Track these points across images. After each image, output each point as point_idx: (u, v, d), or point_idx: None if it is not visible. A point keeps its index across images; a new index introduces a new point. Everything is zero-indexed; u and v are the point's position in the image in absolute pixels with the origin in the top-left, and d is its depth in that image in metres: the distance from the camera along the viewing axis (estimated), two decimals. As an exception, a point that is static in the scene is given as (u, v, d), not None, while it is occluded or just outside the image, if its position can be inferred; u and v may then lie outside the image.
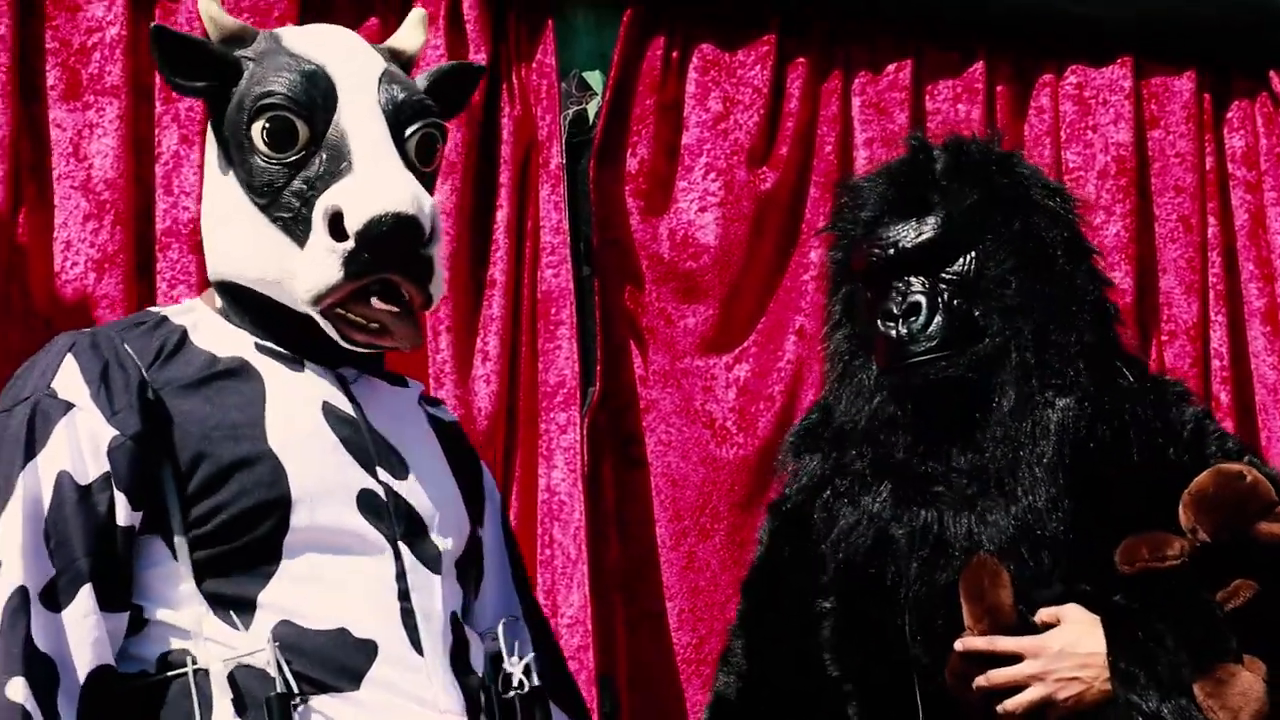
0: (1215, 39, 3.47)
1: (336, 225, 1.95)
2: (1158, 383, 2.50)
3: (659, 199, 3.25)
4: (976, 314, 2.36)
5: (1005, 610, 2.27)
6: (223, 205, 2.08)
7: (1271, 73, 3.53)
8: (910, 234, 2.39)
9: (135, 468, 1.93)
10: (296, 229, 1.99)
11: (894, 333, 2.35)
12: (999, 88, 3.41)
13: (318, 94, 2.02)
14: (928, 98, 3.38)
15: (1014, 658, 2.25)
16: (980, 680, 2.26)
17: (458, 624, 2.06)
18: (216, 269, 2.11)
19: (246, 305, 2.09)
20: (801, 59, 3.32)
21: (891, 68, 3.37)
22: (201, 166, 2.91)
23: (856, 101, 3.34)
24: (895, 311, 2.36)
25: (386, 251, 1.94)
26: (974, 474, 2.32)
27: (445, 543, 2.07)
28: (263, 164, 2.01)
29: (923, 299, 2.35)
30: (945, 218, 2.38)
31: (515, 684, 2.08)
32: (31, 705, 1.83)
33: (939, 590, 2.30)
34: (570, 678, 2.36)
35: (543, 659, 2.22)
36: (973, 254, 2.38)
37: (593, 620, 3.01)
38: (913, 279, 2.37)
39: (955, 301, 2.36)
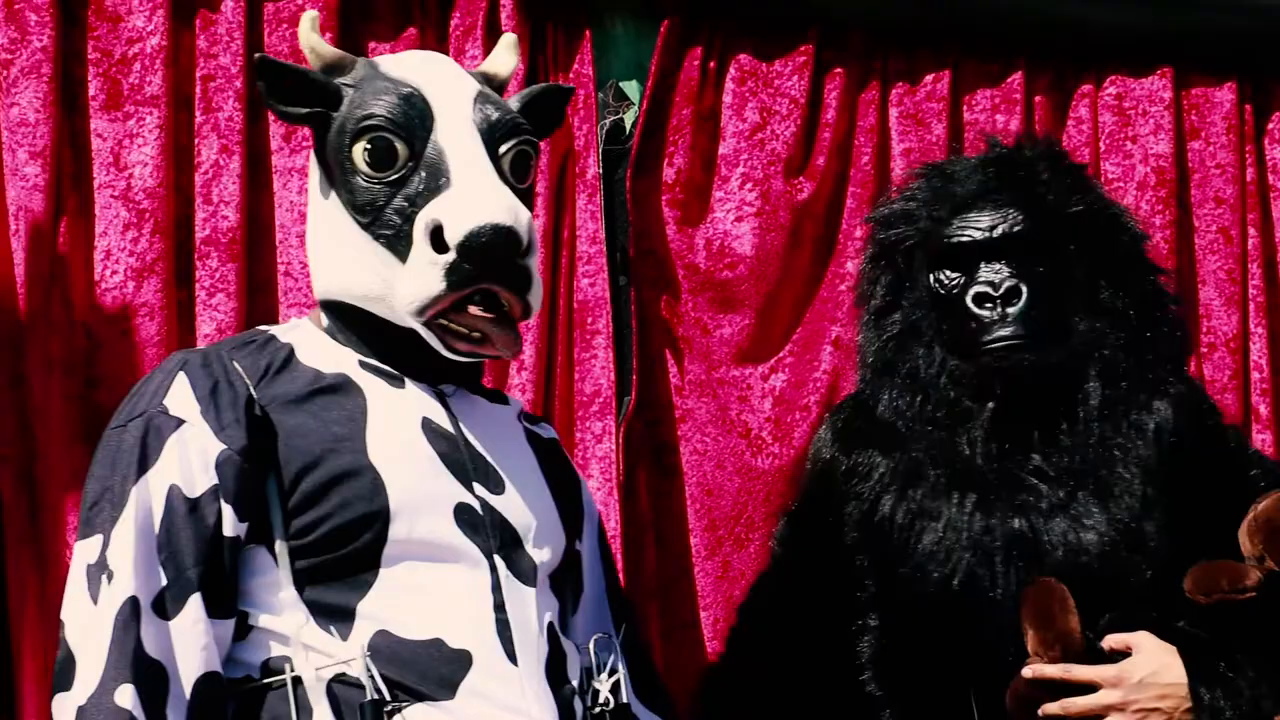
0: (1256, 49, 3.45)
1: (437, 238, 2.03)
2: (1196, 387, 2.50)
3: (695, 209, 3.25)
4: (1069, 310, 2.34)
5: (1075, 637, 2.23)
6: (326, 226, 2.17)
7: (1313, 84, 3.51)
8: (1010, 220, 2.36)
9: (241, 480, 2.02)
10: (398, 245, 2.07)
11: (989, 314, 2.30)
12: (1037, 98, 3.40)
13: (415, 115, 2.11)
14: (965, 108, 3.37)
15: (1088, 686, 2.22)
16: (1054, 708, 2.22)
17: (554, 635, 2.12)
18: (322, 288, 2.20)
19: (351, 323, 2.17)
20: (839, 69, 3.31)
21: (929, 78, 3.36)
22: (241, 175, 2.98)
23: (894, 112, 3.34)
24: (993, 293, 2.32)
25: (486, 262, 2.02)
26: (1063, 476, 2.28)
27: (540, 555, 2.14)
28: (364, 184, 2.09)
29: (1021, 284, 2.31)
30: (1045, 210, 2.36)
31: (602, 700, 2.15)
32: (139, 712, 1.91)
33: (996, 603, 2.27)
34: (662, 687, 2.40)
35: (637, 670, 2.30)
36: (1065, 252, 2.36)
37: (629, 629, 3.01)
38: (1004, 265, 2.34)
39: (1051, 295, 2.33)
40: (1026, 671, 2.23)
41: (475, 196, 2.02)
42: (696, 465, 3.20)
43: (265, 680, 2.02)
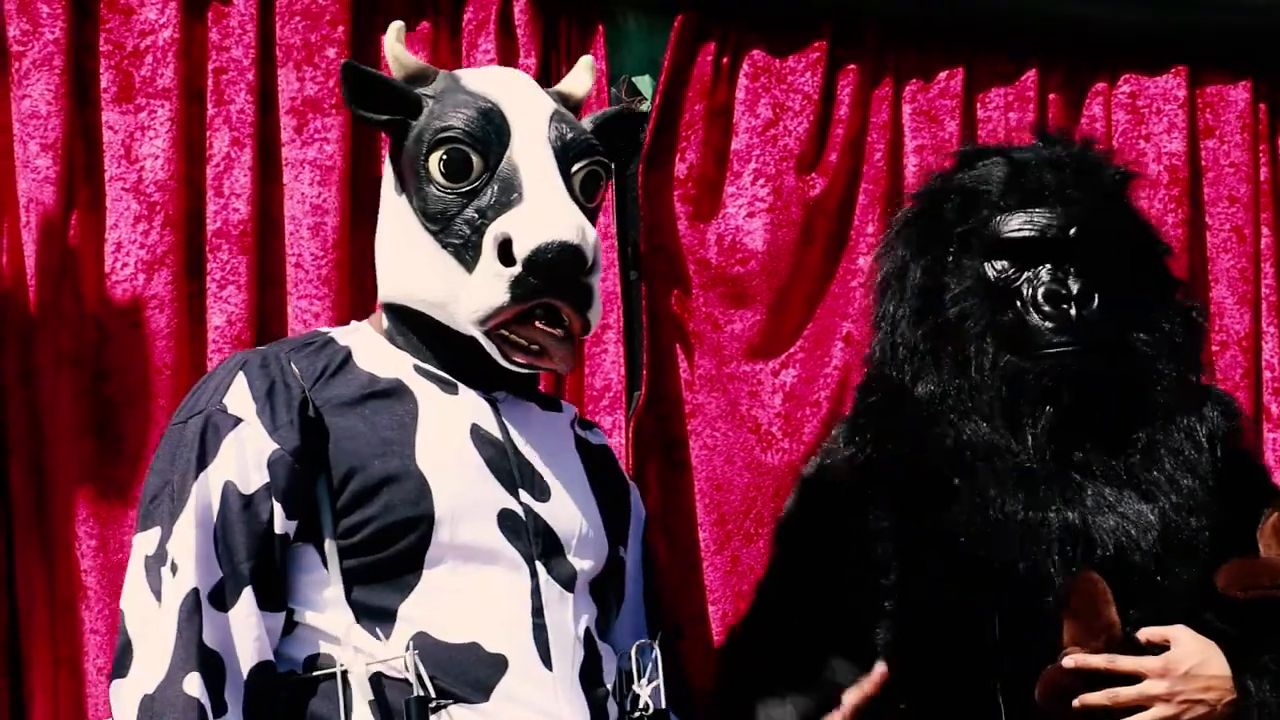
0: (1271, 48, 3.44)
1: (505, 251, 2.07)
2: None
3: (707, 204, 3.25)
4: (1122, 318, 2.35)
5: (1117, 629, 2.24)
6: (397, 229, 2.21)
7: (1328, 83, 3.49)
8: (1081, 223, 2.34)
9: (292, 480, 2.07)
10: (466, 255, 2.12)
11: (1060, 316, 2.28)
12: (1051, 96, 3.39)
13: (492, 130, 2.15)
14: (979, 106, 3.36)
15: (1131, 678, 2.21)
16: (1099, 697, 2.22)
17: (590, 640, 2.15)
18: (387, 290, 2.24)
19: (411, 327, 2.21)
20: (852, 66, 3.30)
21: (943, 75, 3.35)
22: (252, 168, 2.98)
23: (907, 109, 3.33)
24: (1066, 293, 2.31)
25: (550, 277, 2.06)
26: (1112, 475, 2.29)
27: (582, 564, 2.18)
28: (438, 193, 2.14)
29: (1092, 288, 2.31)
30: (1105, 217, 2.37)
31: (641, 705, 2.18)
32: (205, 699, 1.96)
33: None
34: (691, 693, 2.43)
35: (669, 675, 2.28)
36: (1121, 258, 2.36)
37: (638, 624, 3.01)
38: (1072, 266, 2.33)
39: (1117, 300, 2.33)
40: (1068, 661, 2.23)
41: (545, 213, 2.07)
42: (706, 460, 3.19)
43: (315, 674, 2.07)
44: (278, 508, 2.05)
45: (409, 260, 2.19)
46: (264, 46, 3.03)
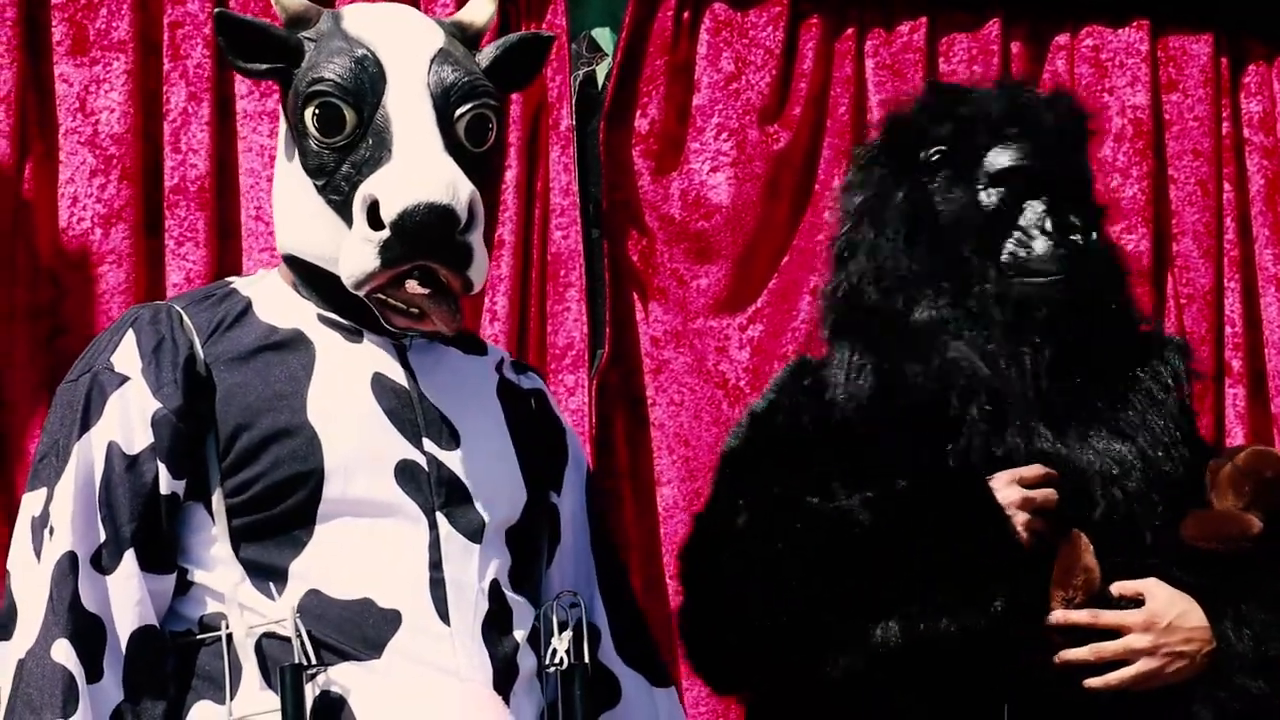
0: (1233, 2, 3.44)
1: (374, 214, 1.98)
2: None
3: (670, 159, 3.23)
4: (1110, 256, 2.41)
5: (1095, 577, 2.24)
6: (288, 182, 2.14)
7: (1289, 38, 3.50)
8: (1066, 159, 2.38)
9: (176, 439, 2.02)
10: (346, 212, 2.04)
11: (1075, 243, 2.30)
12: (1014, 48, 3.38)
13: (366, 79, 2.05)
14: (942, 59, 3.35)
15: (1112, 632, 2.22)
16: (1082, 653, 2.21)
17: (497, 591, 2.09)
18: (283, 242, 2.17)
19: (310, 278, 2.14)
20: (814, 19, 3.29)
21: (905, 28, 3.34)
22: (210, 123, 2.94)
23: (870, 63, 3.31)
24: (1069, 224, 2.32)
25: (420, 241, 1.97)
26: (1093, 413, 2.29)
27: (493, 512, 2.11)
28: (315, 147, 2.06)
29: (1077, 220, 2.34)
30: (1083, 158, 2.43)
31: (557, 660, 2.13)
32: (75, 665, 1.92)
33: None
34: (650, 642, 2.37)
35: (619, 625, 2.29)
36: (1090, 200, 2.42)
37: (600, 582, 2.99)
38: (1065, 201, 2.35)
39: (1098, 238, 2.38)
40: (1056, 617, 2.22)
41: (412, 172, 1.98)
42: (673, 416, 3.18)
43: (200, 636, 2.03)
44: (162, 468, 2.01)
45: (299, 213, 2.11)
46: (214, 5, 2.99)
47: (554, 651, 2.14)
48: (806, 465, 2.34)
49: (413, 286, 2.00)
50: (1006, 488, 2.21)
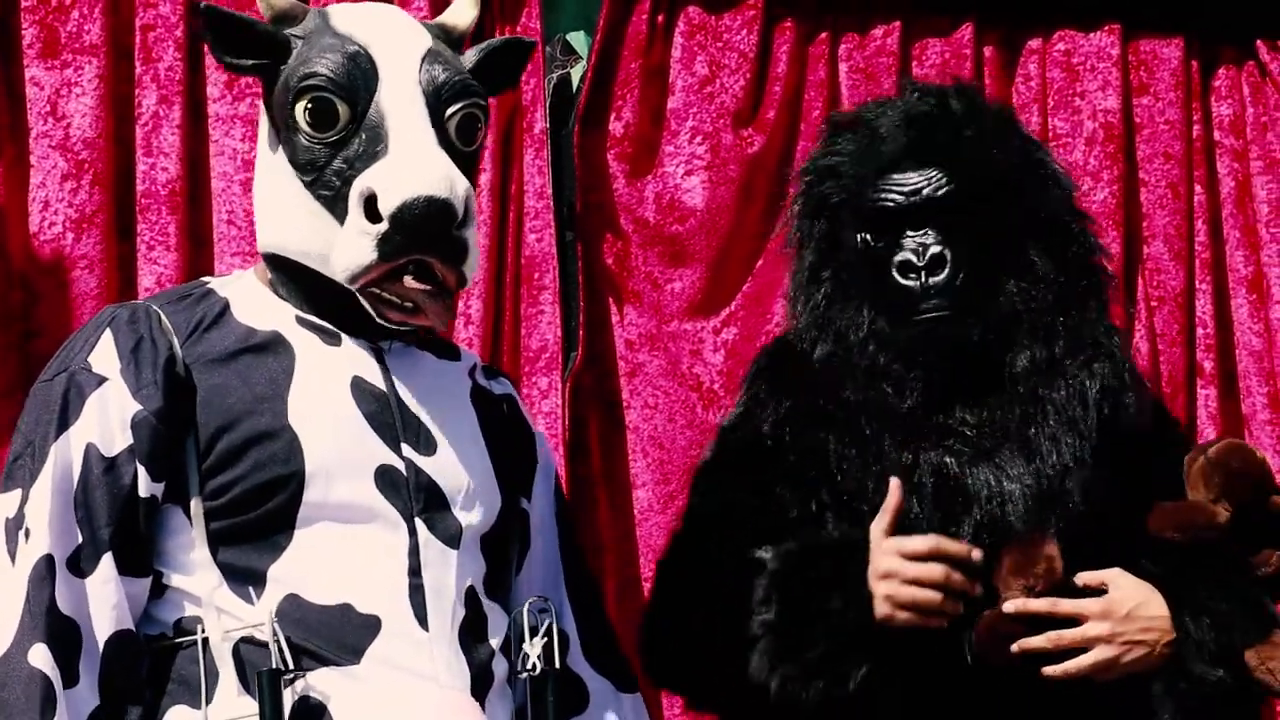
0: (1203, 7, 3.46)
1: (371, 208, 1.99)
2: None
3: (644, 163, 3.23)
4: (999, 274, 2.31)
5: (1058, 573, 2.25)
6: (271, 179, 2.12)
7: (1259, 42, 3.51)
8: (934, 184, 2.31)
9: (155, 442, 1.99)
10: (337, 207, 2.03)
11: (916, 285, 2.28)
12: (987, 52, 3.39)
13: (359, 75, 2.05)
14: (915, 63, 3.36)
15: (1071, 621, 2.23)
16: (1039, 641, 2.22)
17: (473, 598, 2.09)
18: (265, 241, 2.15)
19: (292, 277, 2.12)
20: (789, 23, 3.29)
21: (879, 32, 3.34)
22: (182, 127, 2.93)
23: (844, 67, 3.32)
24: (917, 263, 2.29)
25: (418, 234, 1.98)
26: (987, 429, 2.28)
27: (469, 518, 2.10)
28: (306, 143, 2.05)
29: (946, 252, 2.28)
30: (969, 170, 2.31)
31: (529, 665, 2.12)
32: (52, 669, 1.90)
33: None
34: (617, 648, 2.37)
35: (588, 631, 2.29)
36: (992, 211, 2.32)
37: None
38: (930, 230, 2.30)
39: (975, 259, 2.30)
40: (1009, 606, 2.23)
41: (410, 166, 1.99)
42: (648, 419, 3.18)
43: (176, 640, 2.01)
44: (141, 471, 1.99)
45: (284, 210, 2.09)
46: (191, 2, 2.98)
47: (525, 656, 2.13)
48: (758, 479, 2.39)
49: (410, 282, 2.01)
50: (884, 556, 2.20)
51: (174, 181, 2.93)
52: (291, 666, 1.95)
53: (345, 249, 2.01)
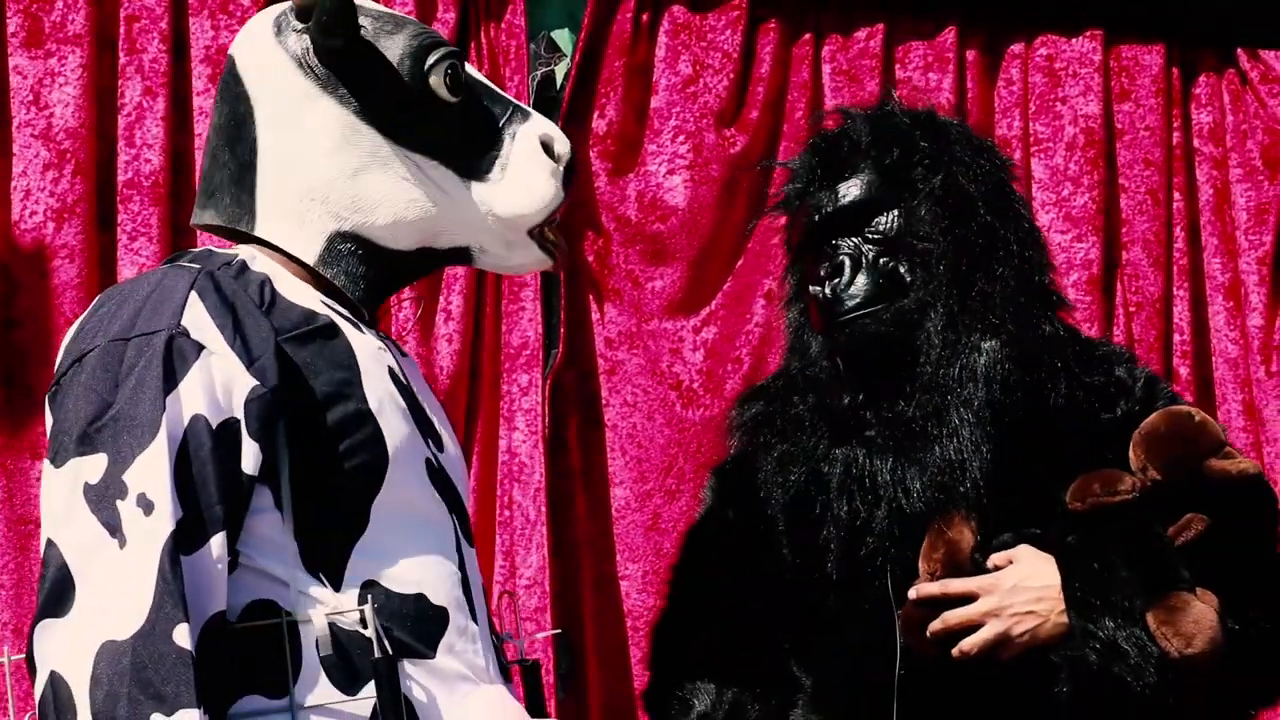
0: (1184, 15, 3.48)
1: (548, 151, 2.09)
2: (1090, 342, 2.53)
3: (627, 161, 3.24)
4: (901, 270, 2.39)
5: (962, 555, 2.27)
6: (353, 155, 2.06)
7: (1239, 50, 3.53)
8: (834, 197, 2.44)
9: (266, 418, 1.90)
10: (475, 163, 2.08)
11: (821, 295, 2.40)
12: (970, 56, 3.40)
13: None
14: (898, 66, 3.37)
15: (967, 600, 2.26)
16: (935, 624, 2.26)
17: (485, 592, 2.10)
18: (346, 221, 2.08)
19: (348, 260, 2.08)
20: (772, 24, 3.30)
21: (862, 34, 3.35)
22: (165, 118, 2.92)
23: (827, 68, 3.33)
24: (821, 274, 2.41)
25: (571, 178, 2.12)
26: (899, 420, 2.34)
27: (468, 515, 2.12)
28: (442, 111, 2.08)
29: (847, 260, 2.40)
30: (867, 179, 2.43)
31: (520, 656, 2.16)
32: (192, 650, 1.80)
33: (863, 533, 2.32)
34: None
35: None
36: (896, 211, 2.42)
37: (551, 581, 3.01)
38: (840, 241, 2.42)
39: (880, 260, 2.40)
40: (912, 593, 2.27)
41: (549, 121, 2.13)
42: (626, 417, 3.18)
43: (254, 623, 1.91)
44: (251, 446, 1.89)
45: (380, 185, 2.06)
46: (177, -6, 2.98)
47: (522, 647, 2.16)
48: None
49: (554, 228, 2.13)
50: None
51: (157, 173, 2.92)
52: (391, 653, 1.88)
53: (527, 187, 2.08)
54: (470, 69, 2.12)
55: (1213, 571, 2.24)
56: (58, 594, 1.83)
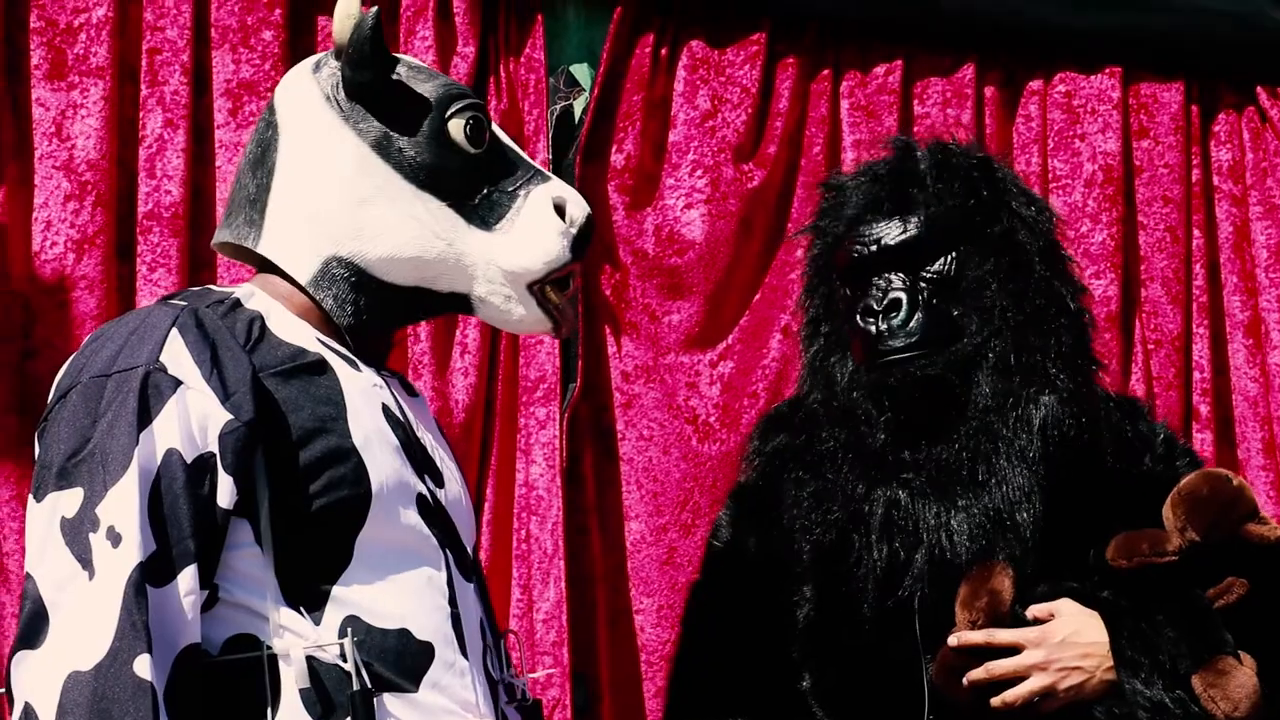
0: (1203, 53, 3.48)
1: (560, 213, 2.14)
2: (1120, 396, 2.56)
3: (645, 195, 3.24)
4: (955, 314, 2.39)
5: (1003, 605, 2.26)
6: (365, 186, 2.11)
7: (1259, 88, 3.53)
8: (894, 231, 2.42)
9: (241, 453, 1.92)
10: (483, 212, 2.13)
11: (874, 328, 2.38)
12: (988, 92, 3.41)
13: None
14: (916, 102, 3.38)
15: (1011, 651, 2.24)
16: (978, 673, 2.24)
17: (483, 629, 2.11)
18: (344, 246, 2.11)
19: (344, 293, 2.11)
20: (791, 59, 3.31)
21: (881, 70, 3.36)
22: (186, 150, 2.94)
23: (845, 104, 3.34)
24: (875, 307, 2.39)
25: (584, 244, 2.17)
26: (937, 463, 2.34)
27: (470, 552, 2.13)
28: (458, 157, 2.13)
29: (903, 295, 2.38)
30: (929, 217, 2.42)
31: (520, 695, 2.15)
32: (157, 681, 1.81)
33: (897, 576, 2.31)
34: None
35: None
36: (953, 255, 2.42)
37: (568, 616, 3.00)
38: (893, 276, 2.41)
39: (935, 300, 2.39)
40: (951, 640, 2.26)
41: (569, 188, 2.17)
42: (642, 451, 3.18)
43: (233, 656, 1.93)
44: (226, 481, 1.91)
45: (384, 217, 2.10)
46: (199, 28, 3.00)
47: (513, 687, 2.14)
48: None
49: (563, 294, 2.18)
50: None
51: (177, 205, 2.93)
52: (370, 687, 1.90)
53: (537, 243, 2.12)
54: (499, 131, 2.17)
55: (1252, 635, 2.26)
56: (33, 626, 1.85)
